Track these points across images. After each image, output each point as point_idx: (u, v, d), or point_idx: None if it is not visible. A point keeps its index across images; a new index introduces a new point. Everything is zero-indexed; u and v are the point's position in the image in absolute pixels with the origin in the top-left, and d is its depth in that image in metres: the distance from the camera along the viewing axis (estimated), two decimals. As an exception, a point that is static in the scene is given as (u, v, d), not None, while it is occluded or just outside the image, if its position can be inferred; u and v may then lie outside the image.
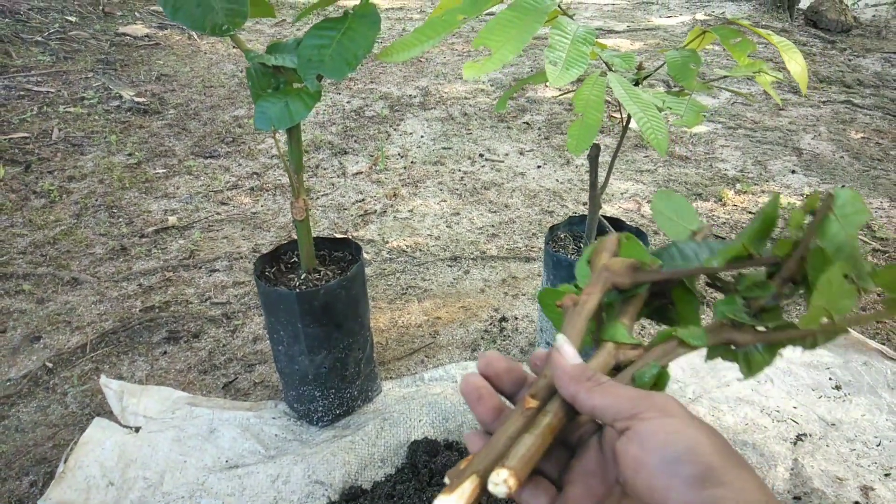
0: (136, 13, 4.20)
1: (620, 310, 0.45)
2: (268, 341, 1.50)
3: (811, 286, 0.40)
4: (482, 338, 1.53)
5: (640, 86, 1.13)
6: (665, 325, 0.47)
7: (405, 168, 2.41)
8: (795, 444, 1.20)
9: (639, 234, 1.32)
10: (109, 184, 2.23)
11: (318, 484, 1.11)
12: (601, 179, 1.30)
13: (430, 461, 1.12)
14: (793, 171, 2.41)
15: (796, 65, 1.04)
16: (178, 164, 2.40)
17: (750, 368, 0.42)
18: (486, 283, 1.75)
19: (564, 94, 3.19)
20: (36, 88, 2.93)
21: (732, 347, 0.43)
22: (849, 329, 0.40)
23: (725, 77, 1.18)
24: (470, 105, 3.03)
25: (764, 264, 0.43)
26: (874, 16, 4.85)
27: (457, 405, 1.26)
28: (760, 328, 0.42)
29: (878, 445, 1.20)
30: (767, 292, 0.42)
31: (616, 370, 0.42)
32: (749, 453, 1.16)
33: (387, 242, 1.93)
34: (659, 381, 0.41)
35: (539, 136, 2.71)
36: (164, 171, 2.34)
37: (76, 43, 3.53)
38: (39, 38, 3.47)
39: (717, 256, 0.44)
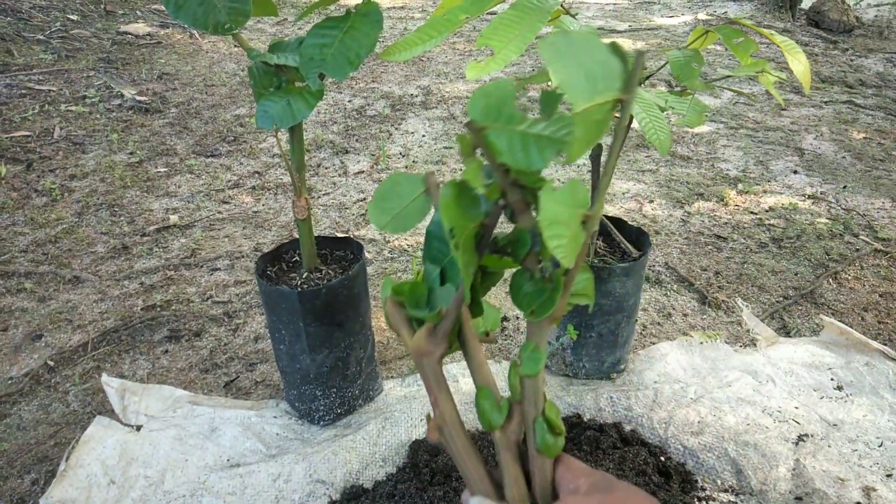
0: (137, 12, 4.20)
1: (472, 369, 0.43)
2: (269, 340, 1.50)
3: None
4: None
5: (642, 85, 1.13)
6: (489, 286, 0.43)
7: (406, 167, 2.41)
8: (797, 444, 1.20)
9: (640, 233, 1.32)
10: (111, 182, 2.23)
11: (320, 483, 1.11)
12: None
13: (431, 460, 1.12)
14: (795, 172, 2.41)
15: (799, 64, 1.03)
16: (179, 162, 2.40)
17: (589, 298, 0.41)
18: (487, 282, 1.75)
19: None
20: (37, 87, 2.94)
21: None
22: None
23: (728, 77, 1.17)
24: (471, 104, 3.02)
25: (499, 216, 0.39)
26: (876, 16, 4.84)
27: (458, 405, 1.26)
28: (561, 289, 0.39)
29: (879, 446, 1.20)
30: (526, 245, 0.39)
31: (523, 443, 0.41)
32: (750, 453, 1.16)
33: (388, 241, 1.93)
34: (555, 424, 0.40)
35: (540, 135, 2.71)
36: (166, 169, 2.34)
37: (78, 41, 3.53)
38: (41, 37, 3.47)
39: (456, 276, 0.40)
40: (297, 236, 1.16)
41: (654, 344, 1.49)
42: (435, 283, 0.42)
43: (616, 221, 1.35)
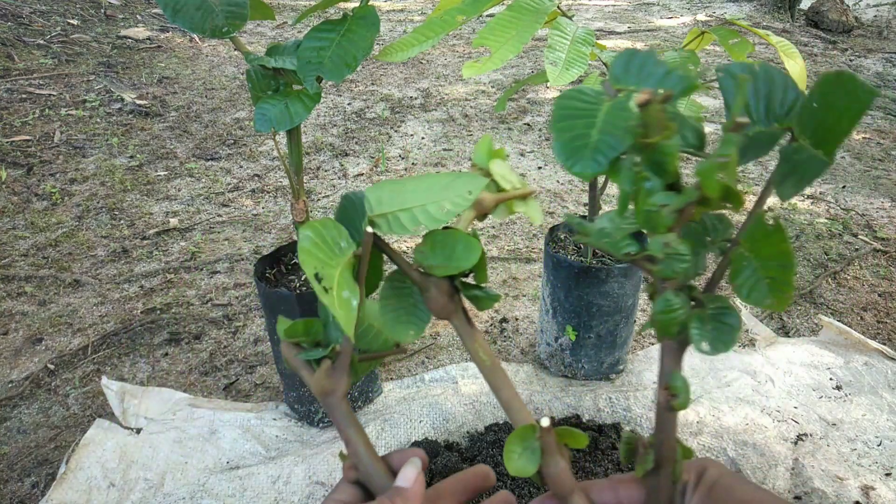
0: (137, 16, 4.21)
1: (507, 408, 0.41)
2: (269, 343, 1.50)
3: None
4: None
5: (639, 86, 1.13)
6: None
7: (406, 169, 2.41)
8: (796, 443, 1.20)
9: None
10: (111, 186, 2.23)
11: (319, 485, 1.11)
12: (601, 180, 1.30)
13: (430, 462, 1.12)
14: (794, 172, 2.41)
15: (795, 64, 1.04)
16: (179, 166, 2.40)
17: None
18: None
19: (565, 95, 3.18)
20: (38, 91, 2.94)
21: None
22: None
23: (724, 77, 1.17)
24: (471, 106, 3.03)
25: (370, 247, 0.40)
26: (876, 16, 4.85)
27: (457, 406, 1.26)
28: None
29: (878, 445, 1.20)
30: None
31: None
32: (749, 453, 1.16)
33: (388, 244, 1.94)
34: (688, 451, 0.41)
35: (540, 137, 2.71)
36: (166, 173, 2.35)
37: (78, 46, 3.54)
38: (41, 42, 3.48)
39: None
40: (297, 239, 1.16)
41: (652, 345, 1.49)
42: (328, 318, 0.40)
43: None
